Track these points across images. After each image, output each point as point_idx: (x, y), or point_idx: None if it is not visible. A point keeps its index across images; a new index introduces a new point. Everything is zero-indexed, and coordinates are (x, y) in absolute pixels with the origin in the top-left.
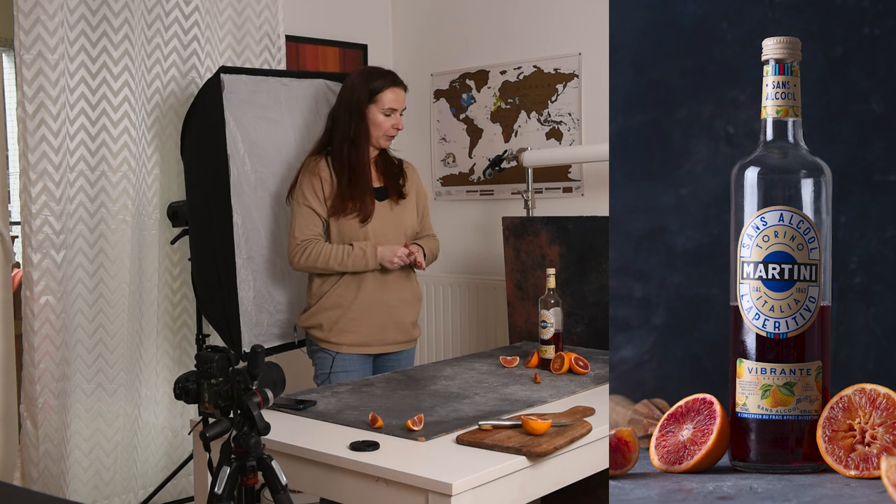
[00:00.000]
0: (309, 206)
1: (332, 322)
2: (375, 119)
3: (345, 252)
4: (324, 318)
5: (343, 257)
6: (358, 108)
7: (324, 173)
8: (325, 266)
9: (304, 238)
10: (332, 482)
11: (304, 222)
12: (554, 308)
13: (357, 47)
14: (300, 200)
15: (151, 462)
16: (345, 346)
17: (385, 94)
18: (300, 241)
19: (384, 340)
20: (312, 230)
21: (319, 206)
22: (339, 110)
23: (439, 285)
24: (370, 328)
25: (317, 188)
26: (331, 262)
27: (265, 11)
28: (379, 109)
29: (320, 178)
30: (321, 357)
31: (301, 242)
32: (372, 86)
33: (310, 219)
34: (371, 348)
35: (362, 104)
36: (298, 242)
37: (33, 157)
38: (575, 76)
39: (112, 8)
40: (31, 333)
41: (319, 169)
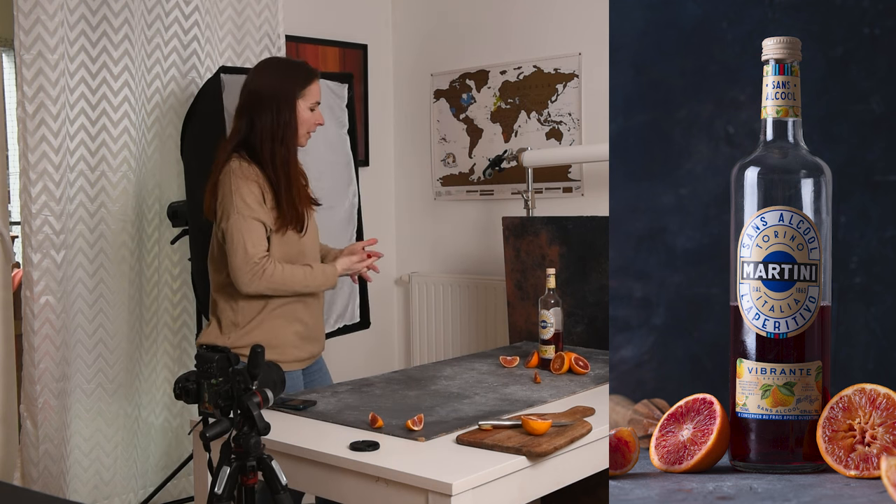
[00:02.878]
0: (256, 217)
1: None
2: (301, 115)
3: (307, 274)
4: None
5: (308, 281)
6: (287, 103)
7: (262, 181)
8: (285, 290)
9: (260, 255)
10: (332, 482)
11: (255, 237)
12: (554, 308)
13: (357, 47)
14: (245, 213)
15: (151, 462)
16: (292, 363)
17: (312, 87)
18: (257, 260)
19: (313, 353)
20: (264, 245)
21: (267, 217)
22: (260, 108)
23: (439, 285)
24: (303, 342)
25: (259, 198)
26: (295, 286)
27: (265, 11)
28: (306, 104)
29: (260, 187)
30: None
31: (258, 261)
32: (299, 78)
33: (259, 232)
34: (304, 363)
35: (291, 97)
36: (255, 261)
37: (33, 157)
38: (575, 76)
39: (112, 8)
40: (31, 333)
41: (258, 176)
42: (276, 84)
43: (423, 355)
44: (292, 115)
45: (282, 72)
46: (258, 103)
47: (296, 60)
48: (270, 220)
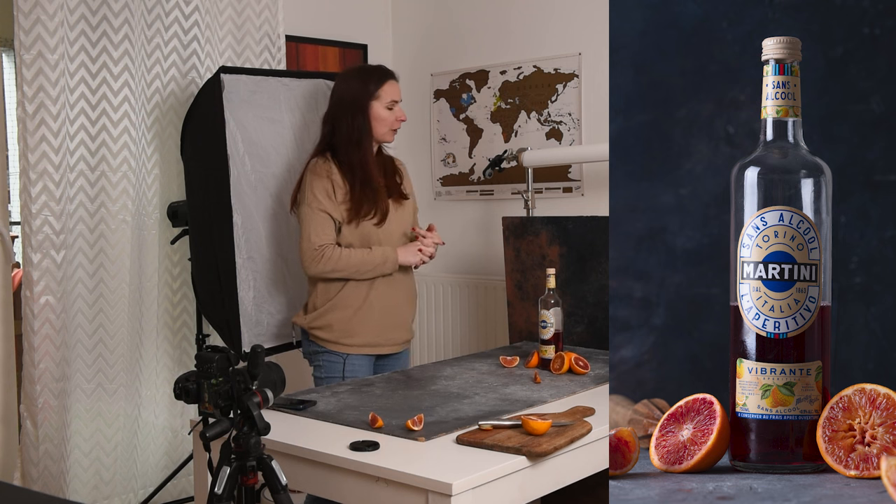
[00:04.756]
0: (324, 209)
1: (342, 323)
2: (379, 115)
3: (365, 258)
4: (333, 319)
5: (364, 264)
6: (360, 106)
7: (335, 177)
8: (344, 273)
9: (321, 243)
10: (332, 482)
11: (320, 227)
12: (554, 308)
13: (357, 47)
14: (313, 205)
15: (151, 462)
16: (355, 348)
17: (385, 88)
18: (317, 247)
19: (391, 340)
20: (329, 234)
21: (335, 210)
22: (338, 111)
23: (439, 285)
24: (379, 328)
25: (330, 192)
26: (351, 269)
27: (265, 11)
28: (382, 105)
29: (331, 182)
30: (329, 359)
31: (318, 248)
32: (370, 83)
33: (325, 223)
34: (378, 348)
35: (364, 102)
36: (316, 248)
37: (33, 157)
38: (575, 76)
39: (112, 8)
40: (31, 333)
41: (330, 172)
42: (351, 91)
43: (423, 355)
44: (366, 119)
45: (356, 78)
46: (337, 110)
47: (371, 65)
48: (339, 212)
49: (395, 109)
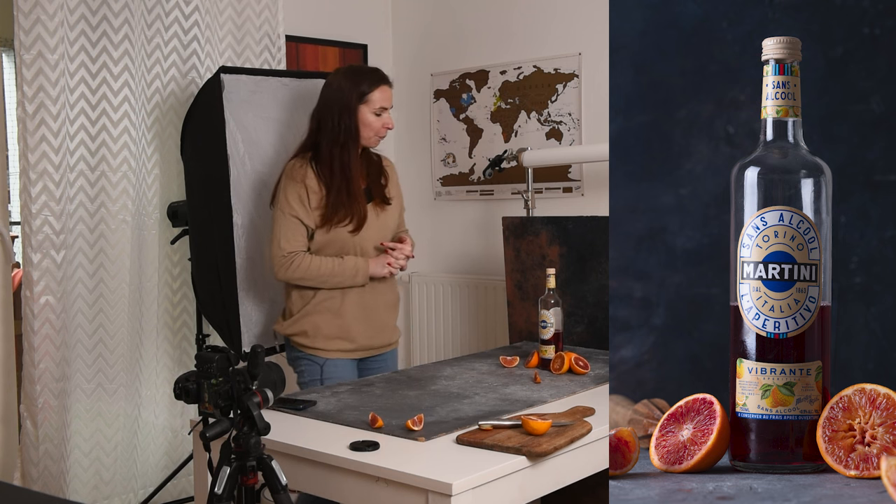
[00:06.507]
0: (295, 216)
1: (318, 328)
2: (366, 119)
3: (335, 269)
4: (309, 325)
5: (333, 275)
6: (348, 108)
7: (310, 181)
8: (313, 282)
9: (290, 250)
10: (332, 482)
11: (290, 233)
12: (554, 308)
13: (357, 47)
14: (286, 210)
15: (151, 462)
16: (333, 353)
17: (375, 93)
18: (286, 254)
19: (370, 345)
20: (299, 241)
21: (307, 217)
22: (325, 112)
23: (439, 285)
24: (356, 333)
25: (303, 197)
26: (321, 278)
27: (265, 11)
28: (370, 109)
29: (306, 187)
30: (307, 365)
31: (288, 255)
32: (361, 85)
33: (296, 229)
34: (357, 353)
35: (352, 105)
36: (285, 254)
37: (33, 157)
38: (575, 76)
39: (112, 8)
40: (31, 333)
41: (306, 177)
42: (341, 90)
43: (423, 355)
44: (353, 120)
45: (348, 78)
46: (325, 108)
47: (366, 67)
48: (312, 218)
49: (382, 116)
